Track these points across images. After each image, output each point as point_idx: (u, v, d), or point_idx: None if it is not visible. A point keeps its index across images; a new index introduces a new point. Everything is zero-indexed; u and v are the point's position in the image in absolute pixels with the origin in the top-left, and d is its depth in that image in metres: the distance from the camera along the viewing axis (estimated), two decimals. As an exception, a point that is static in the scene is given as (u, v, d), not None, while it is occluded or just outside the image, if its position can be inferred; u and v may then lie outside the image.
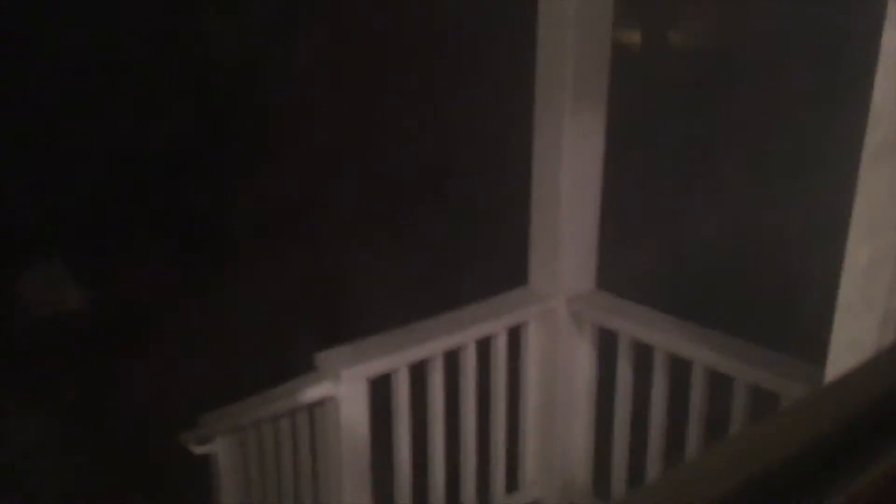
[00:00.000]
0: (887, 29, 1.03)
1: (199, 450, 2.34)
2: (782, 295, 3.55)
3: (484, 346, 2.54)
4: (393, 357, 2.30)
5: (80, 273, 4.47)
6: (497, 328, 2.55)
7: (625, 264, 3.20)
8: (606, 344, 2.66)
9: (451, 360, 2.47)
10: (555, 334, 2.67)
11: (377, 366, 2.26)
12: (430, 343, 2.37)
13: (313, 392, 2.22)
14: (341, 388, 2.20)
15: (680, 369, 2.47)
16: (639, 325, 2.54)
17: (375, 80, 5.62)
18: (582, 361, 2.69)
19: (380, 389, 2.31)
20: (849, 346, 0.88)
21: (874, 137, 1.22)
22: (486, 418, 2.63)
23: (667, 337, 2.47)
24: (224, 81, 5.55)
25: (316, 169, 5.00)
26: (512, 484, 2.75)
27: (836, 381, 0.45)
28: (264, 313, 3.79)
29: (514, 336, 2.65)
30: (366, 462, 2.30)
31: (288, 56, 5.42)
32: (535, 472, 2.80)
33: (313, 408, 2.27)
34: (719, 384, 2.37)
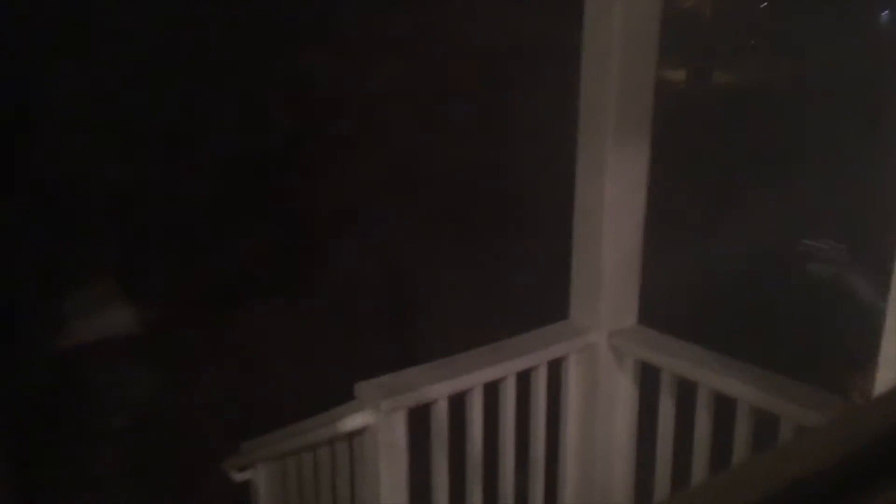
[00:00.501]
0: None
1: (238, 477, 2.36)
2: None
3: (524, 379, 2.53)
4: (432, 388, 2.30)
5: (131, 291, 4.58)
6: (537, 361, 2.54)
7: (666, 300, 3.17)
8: (648, 380, 2.63)
9: (491, 393, 2.46)
10: (595, 368, 2.65)
11: (416, 396, 2.27)
12: (470, 375, 2.37)
13: (352, 421, 2.23)
14: (380, 417, 2.20)
15: (723, 407, 2.42)
16: (682, 360, 2.51)
17: (431, 110, 5.76)
18: (623, 396, 2.66)
19: (419, 419, 2.31)
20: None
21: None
22: (525, 452, 2.60)
23: (710, 373, 2.43)
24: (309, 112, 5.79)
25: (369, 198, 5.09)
26: (550, 520, 2.71)
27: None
28: (307, 343, 3.84)
29: (555, 369, 2.63)
30: (404, 492, 2.30)
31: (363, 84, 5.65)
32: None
33: (352, 436, 2.28)
34: (764, 423, 2.32)
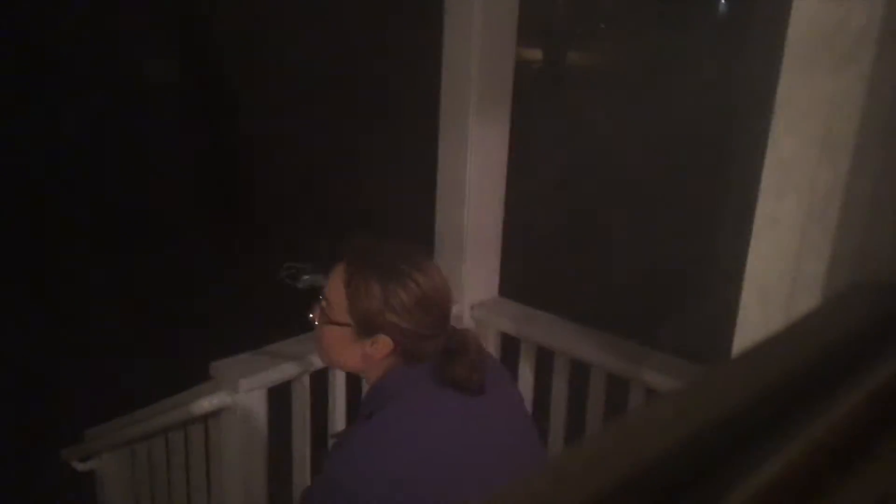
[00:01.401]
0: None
1: (82, 466, 2.20)
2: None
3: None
4: (293, 365, 2.24)
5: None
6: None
7: (526, 273, 3.24)
8: (511, 351, 2.68)
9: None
10: (458, 341, 2.67)
11: (276, 374, 2.19)
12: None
13: (209, 402, 2.13)
14: (238, 398, 2.11)
15: (580, 372, 2.51)
16: (540, 330, 2.57)
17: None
18: (484, 368, 2.70)
19: (277, 398, 2.24)
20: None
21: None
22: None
23: (567, 342, 2.50)
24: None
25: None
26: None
27: (738, 358, 0.43)
28: (150, 325, 3.64)
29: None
30: (263, 474, 2.22)
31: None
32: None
33: (208, 418, 2.18)
34: (618, 387, 2.42)
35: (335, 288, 1.41)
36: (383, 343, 1.40)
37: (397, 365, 1.42)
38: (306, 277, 1.83)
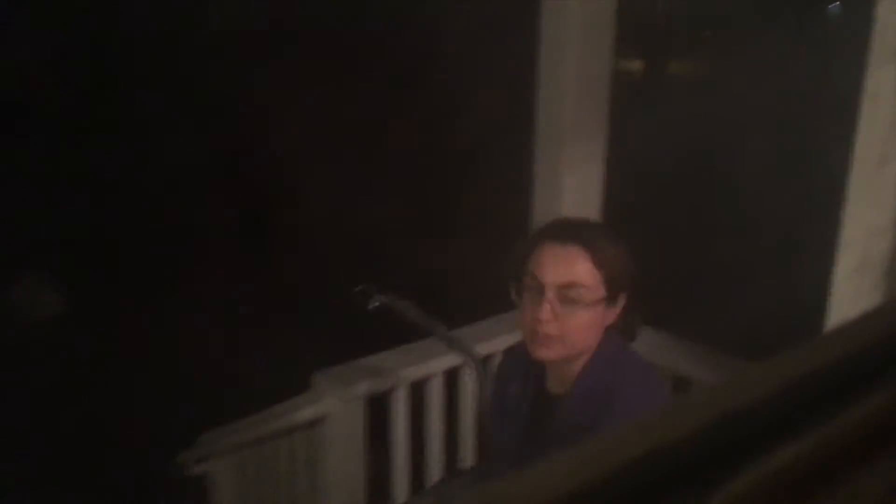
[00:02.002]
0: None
1: (195, 469, 2.31)
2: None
3: (484, 365, 2.52)
4: (391, 376, 2.29)
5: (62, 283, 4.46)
6: (497, 346, 2.54)
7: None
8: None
9: (451, 380, 2.46)
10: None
11: (373, 385, 2.25)
12: (429, 362, 2.36)
13: (310, 411, 2.20)
14: (337, 407, 2.18)
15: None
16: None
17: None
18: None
19: (378, 408, 2.30)
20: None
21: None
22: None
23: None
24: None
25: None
26: None
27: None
28: (263, 332, 3.79)
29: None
30: (361, 480, 2.28)
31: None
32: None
33: (311, 426, 2.26)
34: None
35: (584, 269, 1.43)
36: (620, 302, 1.47)
37: (609, 331, 1.48)
38: (376, 300, 1.89)
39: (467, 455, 2.53)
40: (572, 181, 2.50)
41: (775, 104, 6.50)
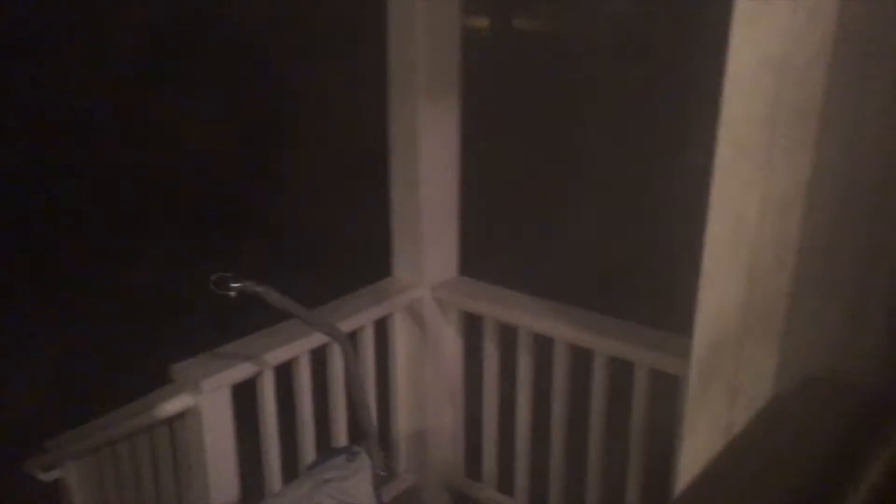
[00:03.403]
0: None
1: (46, 477, 2.16)
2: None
3: (352, 340, 2.50)
4: (256, 361, 2.22)
5: None
6: (363, 321, 2.52)
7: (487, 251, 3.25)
8: (474, 329, 2.69)
9: (318, 358, 2.41)
10: (421, 323, 2.67)
11: (239, 372, 2.17)
12: (294, 343, 2.31)
13: (172, 405, 2.10)
14: (202, 398, 2.09)
15: (545, 348, 2.53)
16: (501, 307, 2.58)
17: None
18: (449, 347, 2.71)
19: (242, 395, 2.22)
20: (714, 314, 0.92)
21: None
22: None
23: (529, 317, 2.52)
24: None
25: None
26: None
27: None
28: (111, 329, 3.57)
29: (382, 327, 2.62)
30: (233, 470, 2.21)
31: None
32: (409, 460, 2.80)
33: (173, 421, 2.16)
34: (583, 361, 2.45)
35: None
36: None
37: None
38: (233, 287, 1.84)
39: (340, 434, 2.51)
40: (429, 137, 2.49)
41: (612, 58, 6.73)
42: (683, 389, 0.96)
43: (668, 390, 2.28)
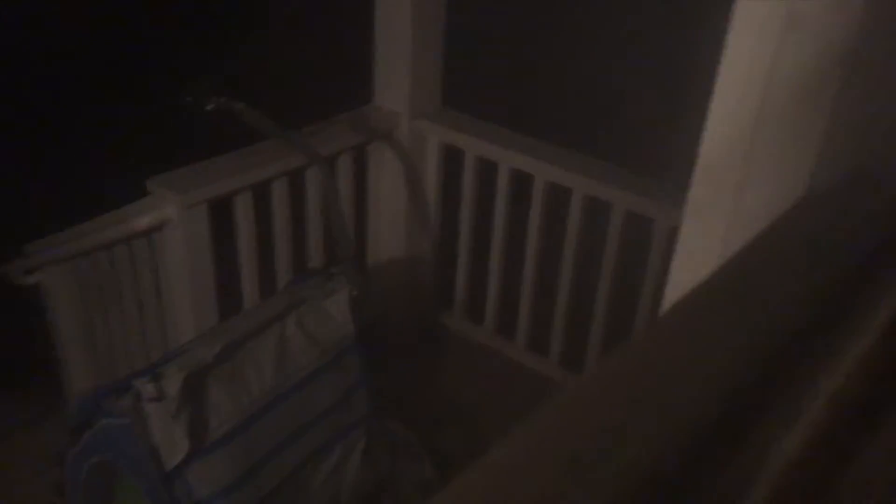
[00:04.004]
0: None
1: (25, 280, 2.20)
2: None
3: (330, 165, 2.49)
4: (233, 178, 2.21)
5: None
6: (341, 147, 2.50)
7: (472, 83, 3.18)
8: (453, 161, 2.69)
9: (296, 181, 2.41)
10: (400, 152, 2.66)
11: (214, 188, 2.17)
12: (273, 164, 2.30)
13: (149, 217, 2.11)
14: (179, 212, 2.10)
15: (525, 185, 2.55)
16: (482, 141, 2.57)
17: None
18: (428, 178, 2.72)
19: (220, 211, 2.24)
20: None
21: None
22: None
23: (510, 153, 2.52)
24: None
25: None
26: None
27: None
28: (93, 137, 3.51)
29: (360, 155, 2.61)
30: (212, 286, 2.26)
31: None
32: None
33: (151, 233, 2.18)
34: (561, 198, 2.48)
35: None
36: None
37: None
38: (211, 102, 1.79)
39: (317, 255, 2.55)
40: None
41: None
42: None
43: (644, 234, 2.34)
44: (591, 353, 2.53)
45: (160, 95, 2.31)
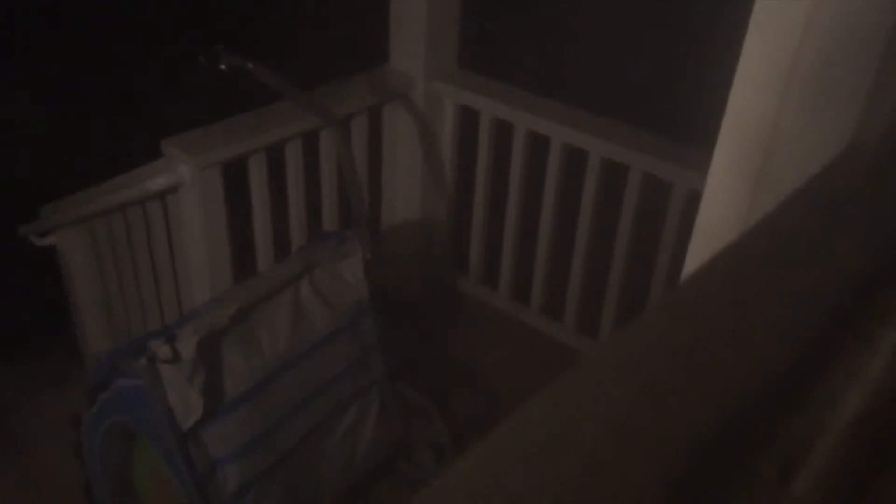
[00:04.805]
0: None
1: (42, 241, 2.20)
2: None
3: (345, 126, 2.46)
4: (248, 140, 2.19)
5: None
6: (356, 107, 2.47)
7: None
8: (469, 123, 2.65)
9: (311, 142, 2.39)
10: (416, 113, 2.62)
11: (229, 150, 2.15)
12: (286, 126, 2.27)
13: (164, 179, 2.10)
14: (193, 173, 2.09)
15: (541, 148, 2.51)
16: (498, 102, 2.53)
17: None
18: (444, 139, 2.69)
19: (234, 173, 2.22)
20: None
21: None
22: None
23: (525, 114, 2.48)
24: None
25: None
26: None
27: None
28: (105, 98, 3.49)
29: (376, 115, 2.58)
30: (226, 248, 2.26)
31: None
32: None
33: (165, 195, 2.16)
34: (580, 161, 2.44)
35: None
36: None
37: None
38: (225, 61, 1.77)
39: (331, 217, 2.54)
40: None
41: None
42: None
43: (663, 199, 2.30)
44: (606, 318, 2.51)
45: (175, 56, 2.28)
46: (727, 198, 0.90)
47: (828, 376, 0.45)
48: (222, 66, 1.81)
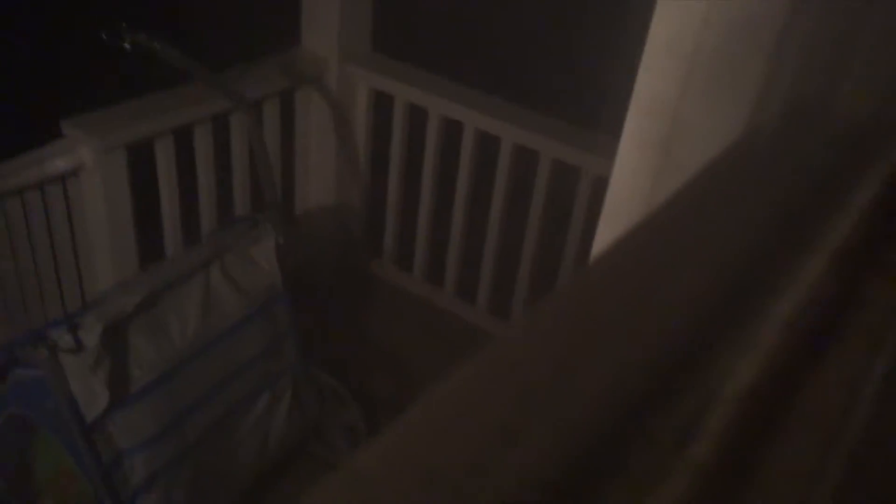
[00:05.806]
0: None
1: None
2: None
3: (256, 110, 2.41)
4: (154, 122, 2.12)
5: None
6: (268, 91, 2.42)
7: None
8: (383, 107, 2.65)
9: (221, 126, 2.33)
10: (329, 97, 2.60)
11: (135, 131, 2.08)
12: (195, 107, 2.21)
13: (64, 161, 2.01)
14: (96, 156, 2.01)
15: (454, 133, 2.53)
16: (413, 87, 2.53)
17: None
18: (357, 124, 2.67)
19: (140, 157, 2.15)
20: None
21: None
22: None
23: (440, 100, 2.49)
24: None
25: None
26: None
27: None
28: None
29: (289, 98, 2.54)
30: (131, 233, 2.19)
31: None
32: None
33: (66, 178, 2.08)
34: (490, 146, 2.47)
35: None
36: None
37: None
38: (129, 40, 1.71)
39: (242, 202, 2.49)
40: None
41: None
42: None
43: (571, 183, 2.36)
44: (518, 300, 2.56)
45: (75, 31, 2.18)
46: (633, 181, 0.93)
47: (724, 348, 0.48)
48: (126, 45, 1.74)
